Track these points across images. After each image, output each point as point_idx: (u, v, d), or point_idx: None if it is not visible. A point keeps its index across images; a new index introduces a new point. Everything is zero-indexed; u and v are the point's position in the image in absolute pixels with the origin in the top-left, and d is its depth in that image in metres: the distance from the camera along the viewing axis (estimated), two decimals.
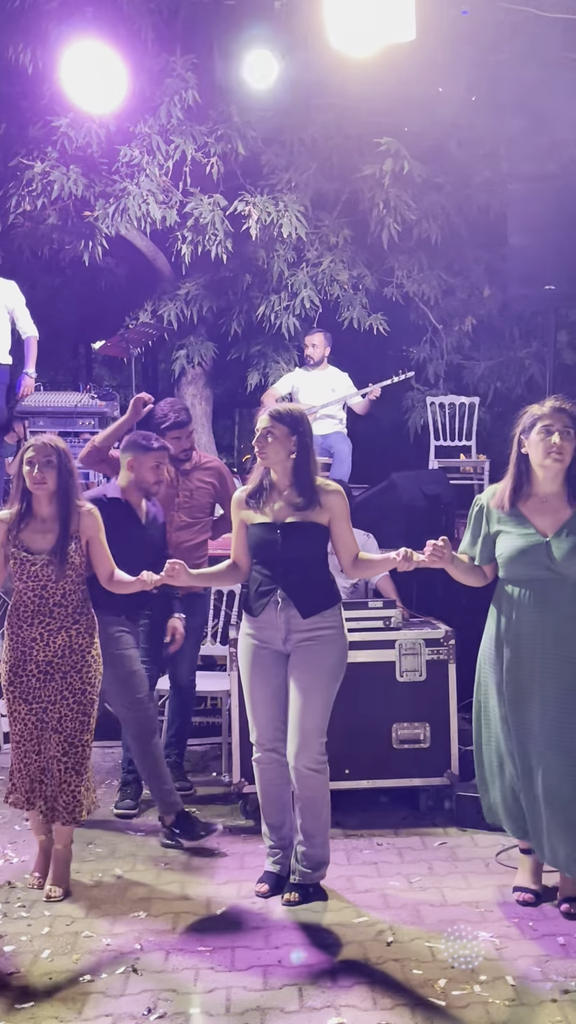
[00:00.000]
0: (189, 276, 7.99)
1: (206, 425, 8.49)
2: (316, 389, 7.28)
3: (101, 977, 3.19)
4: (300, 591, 3.67)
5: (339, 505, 3.71)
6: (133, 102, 6.95)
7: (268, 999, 3.04)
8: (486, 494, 3.70)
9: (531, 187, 6.85)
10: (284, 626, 3.68)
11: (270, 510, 3.73)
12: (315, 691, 3.67)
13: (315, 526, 3.69)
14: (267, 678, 3.75)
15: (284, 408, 3.76)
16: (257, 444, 3.71)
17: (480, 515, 3.68)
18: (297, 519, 3.68)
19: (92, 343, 10.20)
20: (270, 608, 3.69)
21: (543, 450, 3.48)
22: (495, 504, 3.62)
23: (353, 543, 3.76)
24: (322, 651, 3.68)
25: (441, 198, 7.72)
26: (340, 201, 7.93)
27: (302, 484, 3.70)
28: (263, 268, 7.84)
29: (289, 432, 3.68)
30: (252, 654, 3.78)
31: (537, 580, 3.51)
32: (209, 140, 7.37)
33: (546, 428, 3.48)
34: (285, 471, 3.72)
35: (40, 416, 7.35)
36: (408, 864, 4.07)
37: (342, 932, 3.48)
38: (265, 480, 3.78)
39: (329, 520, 3.71)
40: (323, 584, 3.74)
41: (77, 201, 7.31)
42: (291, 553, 3.67)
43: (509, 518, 3.58)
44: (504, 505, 3.58)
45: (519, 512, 3.57)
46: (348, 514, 3.74)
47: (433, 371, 8.47)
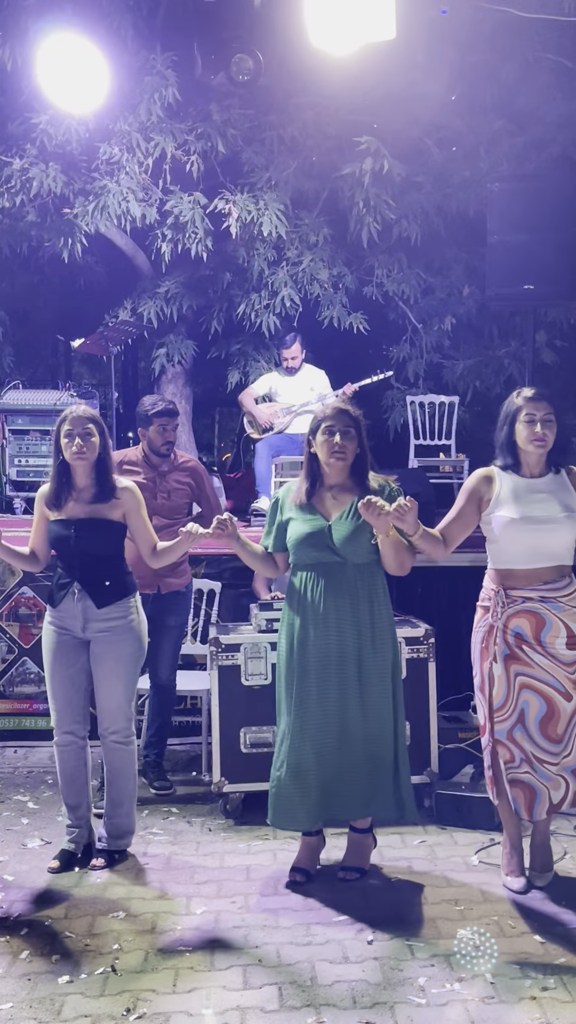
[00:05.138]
0: (169, 274, 7.97)
1: (186, 424, 8.47)
2: (295, 388, 7.28)
3: (80, 977, 3.18)
4: (94, 583, 3.95)
5: (132, 500, 3.99)
6: (113, 99, 6.92)
7: (248, 998, 3.04)
8: (283, 490, 3.93)
9: (510, 187, 6.87)
10: (81, 615, 3.96)
11: (68, 507, 3.96)
12: (117, 676, 4.00)
13: (107, 522, 3.96)
14: (67, 663, 4.01)
15: (92, 412, 3.98)
16: (75, 445, 3.89)
17: (275, 507, 3.91)
18: (90, 515, 3.94)
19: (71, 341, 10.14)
20: (68, 599, 3.97)
21: (327, 450, 3.74)
22: (291, 499, 3.85)
23: (150, 535, 4.04)
24: (119, 640, 3.98)
25: (421, 197, 7.73)
26: (320, 200, 7.92)
27: (100, 481, 3.95)
28: (243, 266, 7.83)
29: (100, 431, 3.95)
30: (54, 641, 4.03)
31: (321, 563, 3.73)
32: (189, 138, 7.35)
33: (328, 429, 3.75)
34: (86, 470, 3.95)
35: (19, 414, 7.31)
36: (388, 862, 4.07)
37: (322, 931, 3.48)
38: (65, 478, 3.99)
39: (124, 515, 3.99)
40: (117, 576, 4.00)
41: (56, 198, 7.27)
42: (84, 548, 3.93)
43: (300, 508, 3.81)
44: (300, 500, 3.81)
45: (311, 504, 3.81)
46: (142, 508, 4.02)
47: (412, 370, 8.48)
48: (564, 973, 3.16)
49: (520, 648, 3.67)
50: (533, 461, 3.74)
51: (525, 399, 3.75)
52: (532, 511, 3.65)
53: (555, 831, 4.23)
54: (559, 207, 6.66)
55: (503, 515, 3.67)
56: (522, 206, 6.71)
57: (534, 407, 3.71)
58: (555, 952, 3.31)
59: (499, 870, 3.95)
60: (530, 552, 3.66)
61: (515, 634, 3.68)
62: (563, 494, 3.71)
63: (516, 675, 3.69)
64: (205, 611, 5.79)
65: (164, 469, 5.01)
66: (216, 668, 4.69)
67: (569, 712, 3.67)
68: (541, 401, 3.72)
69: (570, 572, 3.72)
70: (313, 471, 3.82)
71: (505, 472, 3.76)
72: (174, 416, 5.01)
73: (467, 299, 8.23)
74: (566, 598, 3.67)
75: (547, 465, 3.76)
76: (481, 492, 3.76)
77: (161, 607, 4.87)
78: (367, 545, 3.70)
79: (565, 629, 3.66)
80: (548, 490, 3.71)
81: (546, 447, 3.70)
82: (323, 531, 3.72)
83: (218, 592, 5.78)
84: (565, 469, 3.77)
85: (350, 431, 3.75)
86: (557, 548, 3.67)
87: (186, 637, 5.48)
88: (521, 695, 3.68)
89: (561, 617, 3.65)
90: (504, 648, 3.69)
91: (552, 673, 3.66)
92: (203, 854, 4.20)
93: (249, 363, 8.27)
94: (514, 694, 3.69)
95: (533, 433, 3.68)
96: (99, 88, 6.65)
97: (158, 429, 4.92)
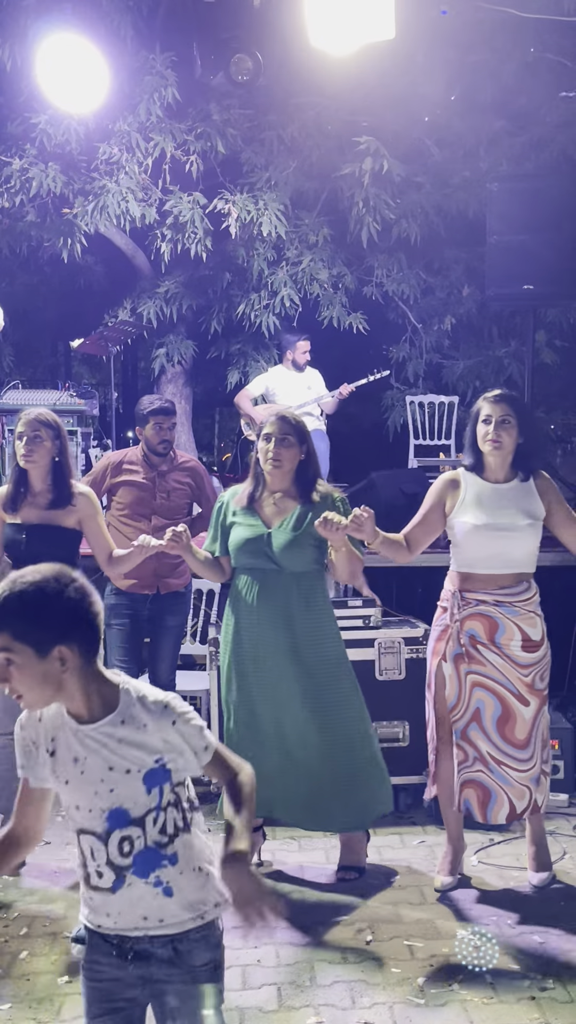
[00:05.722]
0: (168, 274, 7.98)
1: (186, 424, 8.48)
2: (293, 388, 7.29)
3: (79, 978, 3.17)
4: None
5: (88, 507, 3.95)
6: (112, 99, 6.92)
7: (247, 999, 3.04)
8: (228, 493, 3.90)
9: (510, 187, 6.87)
10: None
11: (24, 511, 3.93)
12: None
13: (60, 529, 3.90)
14: None
15: (47, 415, 3.97)
16: (24, 448, 3.87)
17: (219, 511, 3.88)
18: (43, 521, 3.90)
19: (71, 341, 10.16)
20: None
21: (263, 457, 3.76)
22: (235, 502, 3.82)
23: (106, 542, 3.98)
24: None
25: (420, 197, 7.74)
26: (320, 200, 7.93)
27: (56, 486, 3.92)
28: (243, 267, 7.84)
29: (54, 436, 3.93)
30: None
31: (259, 570, 3.73)
32: (189, 138, 7.36)
33: (266, 436, 3.75)
34: (40, 475, 3.93)
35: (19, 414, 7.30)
36: (387, 862, 4.07)
37: (321, 930, 3.48)
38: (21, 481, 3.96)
39: (79, 521, 3.93)
40: None
41: (56, 198, 7.29)
42: (34, 552, 3.77)
43: (243, 512, 3.80)
44: (241, 503, 3.80)
45: (253, 508, 3.80)
46: (99, 515, 3.98)
47: (412, 370, 8.49)
48: (563, 973, 3.16)
49: (474, 648, 3.64)
50: (495, 464, 3.69)
51: (486, 400, 3.71)
52: (494, 518, 3.62)
53: (554, 831, 4.24)
54: (559, 207, 6.66)
55: (466, 521, 3.64)
56: (522, 206, 6.71)
57: (492, 408, 3.66)
58: (554, 952, 3.31)
59: (499, 870, 3.95)
60: (491, 558, 3.63)
61: (469, 636, 3.64)
62: (528, 501, 3.66)
63: (467, 674, 3.66)
64: (204, 611, 5.78)
65: (164, 469, 5.00)
66: (215, 668, 4.68)
67: (528, 718, 3.63)
68: (500, 403, 3.66)
69: (529, 578, 3.70)
70: (257, 475, 3.81)
71: (471, 475, 3.72)
72: (170, 415, 5.00)
73: (467, 299, 8.24)
74: (522, 602, 3.64)
75: (513, 470, 3.70)
76: (446, 497, 3.73)
77: (160, 607, 4.86)
78: (306, 554, 3.69)
79: (519, 632, 3.62)
80: (513, 496, 3.66)
81: (501, 449, 3.64)
82: (262, 538, 3.71)
83: (217, 592, 5.78)
84: (535, 475, 3.72)
85: (288, 438, 3.73)
86: (518, 555, 3.64)
87: (185, 637, 5.47)
88: (474, 694, 3.65)
89: (515, 621, 3.62)
90: (456, 648, 3.66)
91: (505, 674, 3.62)
92: None
93: (249, 363, 8.28)
94: (466, 693, 3.66)
95: (487, 434, 3.64)
96: (99, 88, 6.64)
97: (154, 428, 4.91)
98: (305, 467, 3.80)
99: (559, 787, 4.72)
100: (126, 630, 4.71)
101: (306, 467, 3.80)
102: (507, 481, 3.70)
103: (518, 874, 3.92)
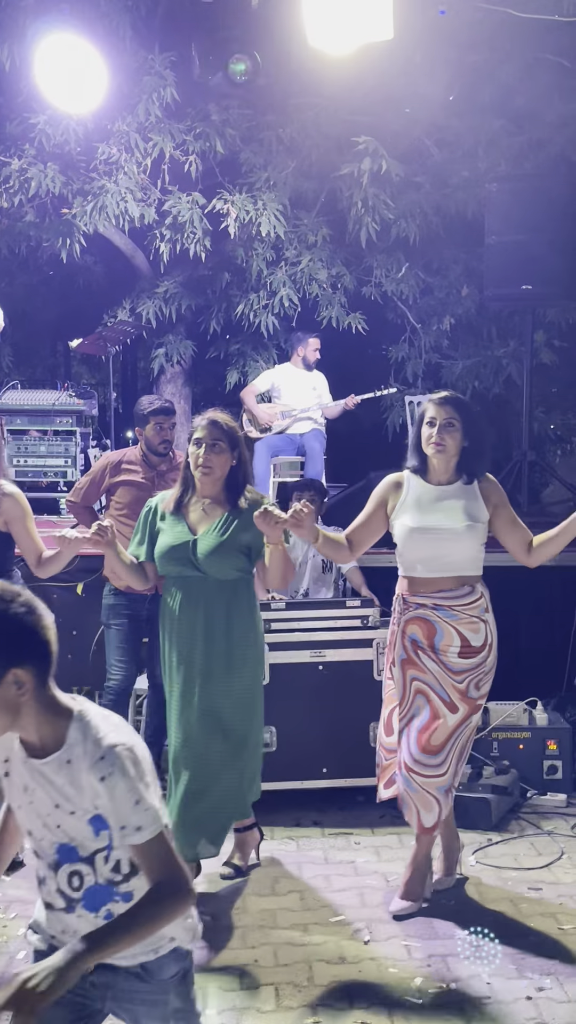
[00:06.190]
0: (167, 274, 7.98)
1: (185, 424, 8.44)
2: (298, 388, 7.28)
3: None
4: None
5: (14, 508, 3.84)
6: (111, 99, 6.92)
7: (244, 999, 3.04)
8: (157, 499, 3.79)
9: (509, 187, 6.88)
10: None
11: None
12: None
13: None
14: None
15: None
16: None
17: (147, 516, 3.75)
18: None
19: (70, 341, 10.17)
20: None
21: (193, 463, 3.64)
22: (163, 507, 3.72)
23: (35, 544, 3.87)
24: None
25: (419, 197, 7.73)
26: (318, 200, 7.93)
27: None
28: (242, 267, 7.84)
29: None
30: None
31: (183, 577, 3.62)
32: (187, 138, 7.36)
33: (196, 441, 3.64)
34: None
35: (18, 414, 7.32)
36: (385, 863, 4.07)
37: (319, 931, 3.48)
38: None
39: (5, 523, 3.84)
40: None
41: (55, 198, 7.28)
42: None
43: (171, 517, 3.69)
44: (168, 508, 3.71)
45: (181, 513, 3.69)
46: (27, 517, 3.85)
47: (411, 370, 8.49)
48: (560, 973, 3.16)
49: (416, 654, 3.59)
50: (439, 467, 3.62)
51: (431, 401, 3.64)
52: (433, 520, 3.56)
53: (552, 831, 4.25)
54: (557, 207, 6.67)
55: (404, 522, 3.59)
56: (520, 206, 6.72)
57: (436, 411, 3.59)
58: (551, 952, 3.31)
59: (497, 870, 3.95)
60: (429, 560, 3.56)
61: (411, 640, 3.59)
62: (470, 504, 3.59)
63: (412, 679, 3.60)
64: None
65: (163, 468, 5.00)
66: None
67: (451, 725, 3.55)
68: (445, 406, 3.59)
69: (473, 582, 3.60)
70: (186, 480, 3.71)
71: (415, 477, 3.67)
72: (170, 415, 5.01)
73: (466, 299, 8.24)
74: (462, 607, 3.55)
75: (457, 473, 3.63)
76: (388, 498, 3.67)
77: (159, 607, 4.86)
78: (232, 561, 3.59)
79: (459, 638, 3.54)
80: (454, 499, 3.59)
81: (444, 452, 3.57)
82: (186, 544, 3.60)
83: None
84: (480, 478, 3.64)
85: (219, 444, 3.62)
86: (457, 558, 3.56)
87: None
88: (416, 700, 3.60)
89: (455, 625, 3.54)
90: (402, 652, 3.62)
91: (440, 681, 3.55)
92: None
93: (248, 363, 8.28)
94: (409, 698, 3.61)
95: (431, 436, 3.58)
96: (97, 88, 6.65)
97: (155, 428, 4.91)
98: (235, 473, 3.67)
99: (557, 787, 4.73)
100: (124, 630, 4.71)
101: (236, 473, 3.67)
102: (450, 483, 3.63)
103: (515, 874, 3.92)
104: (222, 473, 3.65)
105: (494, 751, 4.81)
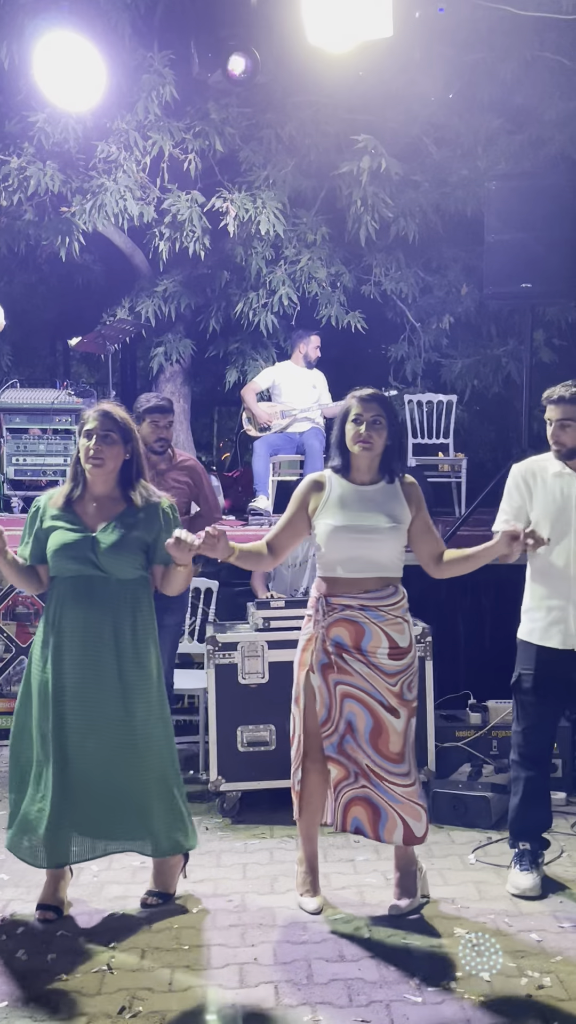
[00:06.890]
0: (167, 273, 7.97)
1: (184, 423, 8.48)
2: (299, 386, 7.29)
3: (76, 976, 3.18)
4: None
5: None
6: (110, 97, 6.90)
7: (244, 997, 3.03)
8: (44, 497, 3.64)
9: (508, 185, 6.86)
10: None
11: None
12: None
13: None
14: None
15: None
16: None
17: (35, 515, 3.60)
18: None
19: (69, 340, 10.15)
20: None
21: (84, 455, 3.52)
22: (52, 504, 3.58)
23: None
24: None
25: (419, 196, 7.73)
26: (318, 198, 7.92)
27: None
28: (241, 265, 7.83)
29: None
30: None
31: (82, 576, 3.48)
32: (187, 136, 7.35)
33: (87, 433, 3.52)
34: None
35: (17, 413, 7.30)
36: (385, 861, 4.06)
37: (318, 929, 3.48)
38: None
39: None
40: None
41: (54, 197, 7.27)
42: None
43: (63, 514, 3.55)
44: (58, 504, 3.56)
45: (73, 510, 3.56)
46: None
47: (411, 369, 8.49)
48: (560, 972, 3.16)
49: (340, 657, 3.51)
50: (362, 465, 3.58)
51: (356, 398, 3.57)
52: (356, 520, 3.51)
53: (552, 829, 4.23)
54: (557, 206, 6.66)
55: (327, 522, 3.54)
56: (520, 205, 6.70)
57: (362, 407, 3.54)
58: (552, 951, 3.31)
59: (497, 869, 3.95)
60: (353, 561, 3.51)
61: (335, 643, 3.51)
62: (392, 504, 3.56)
63: (336, 684, 3.52)
64: (202, 610, 5.78)
65: (162, 467, 5.00)
66: (213, 667, 4.69)
67: (400, 730, 3.50)
68: (371, 402, 3.54)
69: (396, 583, 3.57)
70: (77, 475, 3.57)
71: (336, 476, 3.62)
72: (167, 412, 5.00)
73: (465, 298, 8.23)
74: (388, 608, 3.51)
75: (380, 472, 3.60)
76: (309, 498, 3.62)
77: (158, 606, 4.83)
78: (133, 559, 3.50)
79: (387, 639, 3.49)
80: (378, 499, 3.56)
81: (371, 450, 3.53)
82: (86, 541, 3.47)
83: (215, 590, 5.78)
84: (400, 478, 3.62)
85: (111, 435, 3.50)
86: (380, 558, 3.52)
87: (183, 636, 5.48)
88: (344, 706, 3.51)
89: (382, 627, 3.50)
90: (322, 657, 3.53)
91: (373, 684, 3.49)
92: (200, 852, 4.18)
93: (247, 362, 8.27)
94: (336, 705, 3.52)
95: (358, 435, 3.53)
96: (96, 86, 6.62)
97: (151, 426, 4.90)
98: (128, 467, 3.56)
99: (557, 786, 4.73)
100: None
101: (130, 467, 3.56)
102: (373, 483, 3.59)
103: None
104: (115, 466, 3.53)
105: (493, 750, 4.81)
